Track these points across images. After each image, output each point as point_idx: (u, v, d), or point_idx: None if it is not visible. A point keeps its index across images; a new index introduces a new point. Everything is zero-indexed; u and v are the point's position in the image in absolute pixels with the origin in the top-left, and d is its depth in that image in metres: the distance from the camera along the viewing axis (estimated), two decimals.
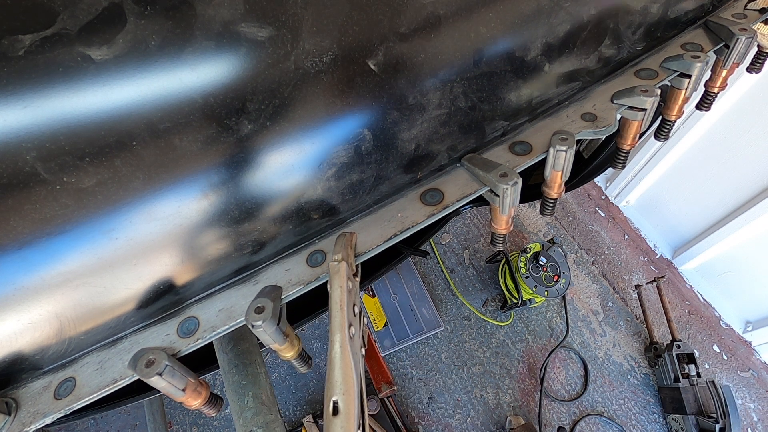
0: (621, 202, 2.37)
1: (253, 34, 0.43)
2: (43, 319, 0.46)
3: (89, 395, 0.48)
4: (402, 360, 1.97)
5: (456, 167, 0.63)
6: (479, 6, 0.54)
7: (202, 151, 0.45)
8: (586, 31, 0.65)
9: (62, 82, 0.38)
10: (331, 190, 0.54)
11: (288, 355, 0.54)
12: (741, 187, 1.78)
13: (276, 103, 0.46)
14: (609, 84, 0.70)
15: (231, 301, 0.54)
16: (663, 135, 0.82)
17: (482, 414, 1.86)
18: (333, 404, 0.38)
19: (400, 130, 0.55)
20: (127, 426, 1.82)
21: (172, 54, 0.41)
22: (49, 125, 0.38)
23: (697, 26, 0.78)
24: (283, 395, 1.88)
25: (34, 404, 0.49)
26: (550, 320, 2.09)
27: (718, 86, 0.80)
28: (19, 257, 0.42)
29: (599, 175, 1.37)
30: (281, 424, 0.66)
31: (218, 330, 0.52)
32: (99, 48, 0.39)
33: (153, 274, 0.49)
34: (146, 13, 0.40)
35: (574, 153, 0.60)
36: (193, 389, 0.50)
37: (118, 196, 0.43)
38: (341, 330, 0.43)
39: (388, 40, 0.50)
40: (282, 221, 0.53)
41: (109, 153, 0.41)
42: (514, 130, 0.66)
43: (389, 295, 2.10)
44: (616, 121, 0.64)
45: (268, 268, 0.57)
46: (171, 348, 0.50)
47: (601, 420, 1.84)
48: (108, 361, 0.51)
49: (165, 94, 0.42)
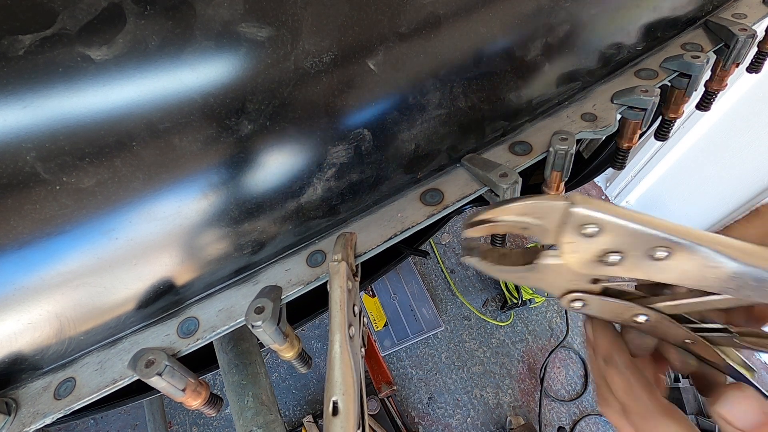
0: (621, 202, 2.37)
1: (252, 34, 0.43)
2: (43, 319, 0.46)
3: (89, 395, 0.48)
4: (402, 360, 1.97)
5: (456, 167, 0.63)
6: (479, 6, 0.54)
7: (201, 151, 0.45)
8: (586, 31, 0.65)
9: (62, 82, 0.38)
10: (331, 190, 0.54)
11: (288, 356, 0.54)
12: (741, 188, 1.77)
13: (276, 103, 0.46)
14: (609, 84, 0.70)
15: (231, 301, 0.54)
16: (663, 135, 0.82)
17: (482, 414, 1.86)
18: (333, 404, 0.37)
19: (400, 130, 0.55)
20: (127, 426, 1.82)
21: (172, 54, 0.41)
22: (48, 125, 0.38)
23: (697, 26, 0.78)
24: (283, 395, 1.88)
25: (34, 404, 0.49)
26: (550, 320, 2.09)
27: (718, 86, 0.80)
28: (19, 257, 0.42)
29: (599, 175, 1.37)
30: (281, 424, 0.66)
31: (218, 330, 0.52)
32: (99, 48, 0.39)
33: (153, 274, 0.49)
34: (146, 13, 0.40)
35: (574, 153, 0.60)
36: (193, 389, 0.50)
37: (118, 196, 0.43)
38: (341, 330, 0.43)
39: (388, 40, 0.50)
40: (282, 221, 0.53)
41: (109, 153, 0.41)
42: (514, 130, 0.66)
43: (389, 295, 2.10)
44: (616, 121, 0.64)
45: (268, 268, 0.57)
46: (171, 348, 0.50)
47: (601, 420, 1.84)
48: (108, 362, 0.51)
49: (165, 94, 0.42)
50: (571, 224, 0.33)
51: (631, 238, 0.32)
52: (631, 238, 0.32)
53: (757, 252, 0.30)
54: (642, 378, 0.37)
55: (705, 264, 0.31)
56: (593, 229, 0.32)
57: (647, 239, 0.31)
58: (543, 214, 0.35)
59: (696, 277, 0.32)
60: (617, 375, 0.37)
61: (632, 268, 0.33)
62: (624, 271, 0.34)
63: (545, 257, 0.36)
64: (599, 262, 0.34)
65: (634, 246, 0.32)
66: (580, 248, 0.34)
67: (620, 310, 0.39)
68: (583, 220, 0.32)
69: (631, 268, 0.33)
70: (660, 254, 0.31)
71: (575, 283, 0.38)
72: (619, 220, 0.31)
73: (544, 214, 0.35)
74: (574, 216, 0.32)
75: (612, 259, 0.33)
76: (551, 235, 0.35)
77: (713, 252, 0.30)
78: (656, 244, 0.31)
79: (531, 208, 0.35)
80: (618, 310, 0.39)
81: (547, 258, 0.36)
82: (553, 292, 0.40)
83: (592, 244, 0.33)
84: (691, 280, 0.32)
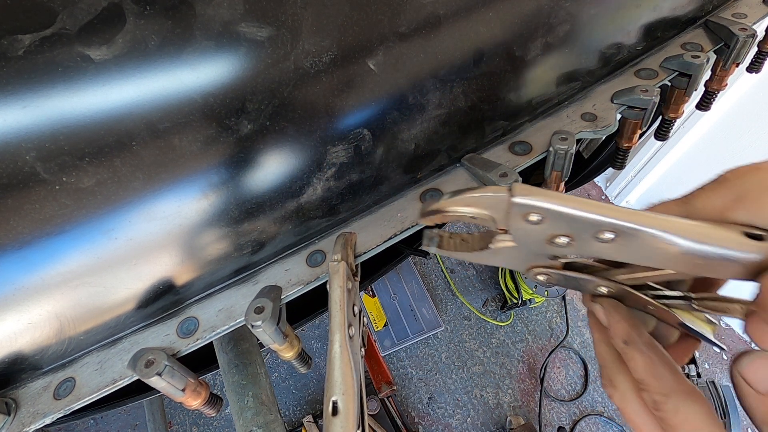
0: (621, 202, 2.37)
1: (252, 34, 0.43)
2: (43, 319, 0.46)
3: (89, 395, 0.48)
4: (402, 360, 1.97)
5: (456, 167, 0.63)
6: (479, 6, 0.54)
7: (201, 151, 0.45)
8: (586, 30, 0.65)
9: (62, 82, 0.38)
10: (331, 190, 0.54)
11: (288, 355, 0.55)
12: None
13: (276, 103, 0.46)
14: (609, 84, 0.70)
15: (231, 301, 0.54)
16: (663, 135, 0.82)
17: (482, 414, 1.86)
18: (332, 404, 0.38)
19: (400, 130, 0.55)
20: (127, 426, 1.82)
21: (172, 54, 0.41)
22: (48, 125, 0.38)
23: (697, 26, 0.78)
24: (283, 395, 1.88)
25: (34, 404, 0.49)
26: (550, 320, 2.09)
27: (718, 86, 0.80)
28: (19, 257, 0.42)
29: (599, 175, 1.37)
30: (281, 424, 0.66)
31: (218, 330, 0.52)
32: (98, 48, 0.38)
33: (153, 274, 0.49)
34: (146, 13, 0.40)
35: (574, 153, 0.60)
36: (193, 389, 0.50)
37: (118, 196, 0.43)
38: (341, 330, 0.43)
39: (387, 39, 0.50)
40: (282, 221, 0.53)
41: (109, 153, 0.41)
42: (514, 130, 0.66)
43: (389, 295, 2.10)
44: (616, 121, 0.64)
45: (268, 268, 0.57)
46: (171, 348, 0.51)
47: (601, 420, 1.84)
48: (108, 361, 0.51)
49: (165, 94, 0.42)
50: (515, 213, 0.34)
51: (575, 224, 0.33)
52: (575, 223, 0.33)
53: (703, 231, 0.31)
54: (665, 357, 0.36)
55: (650, 245, 0.32)
56: (537, 217, 0.34)
57: (590, 224, 0.33)
58: (488, 205, 0.36)
59: (644, 257, 0.33)
60: (639, 354, 0.37)
61: (582, 249, 0.35)
62: (575, 252, 0.36)
63: (499, 242, 0.38)
64: (551, 244, 0.36)
65: (580, 230, 0.33)
66: (529, 233, 0.35)
67: (582, 283, 0.41)
68: (525, 209, 0.34)
69: (581, 249, 0.35)
70: (607, 236, 0.33)
71: (535, 261, 0.40)
72: (559, 207, 0.33)
73: (489, 205, 0.36)
74: (516, 206, 0.34)
75: (561, 241, 0.35)
76: (501, 223, 0.37)
77: (657, 233, 0.31)
78: (601, 228, 0.32)
79: (475, 201, 0.37)
80: (580, 283, 0.41)
81: (500, 242, 0.38)
82: (517, 269, 0.41)
83: (540, 229, 0.35)
84: (640, 259, 0.33)
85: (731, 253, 0.30)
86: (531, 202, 0.33)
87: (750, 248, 0.30)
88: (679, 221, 0.32)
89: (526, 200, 0.33)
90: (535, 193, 0.33)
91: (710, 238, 0.31)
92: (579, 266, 0.41)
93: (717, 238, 0.31)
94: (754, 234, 0.30)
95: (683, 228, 0.31)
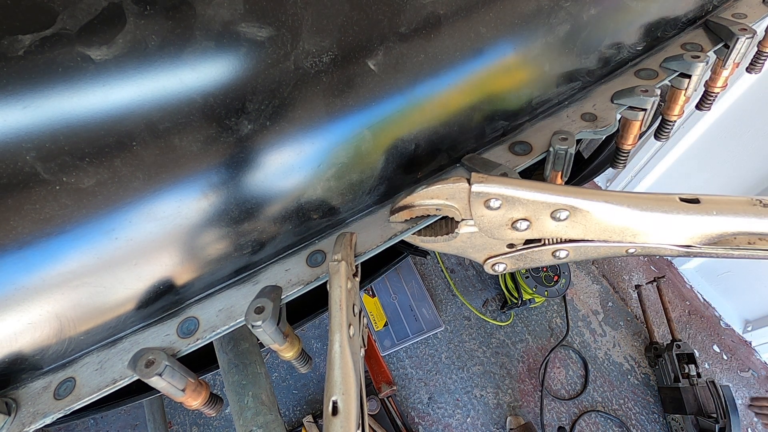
0: None
1: (252, 34, 0.43)
2: (43, 319, 0.46)
3: (89, 395, 0.48)
4: (402, 360, 1.97)
5: (456, 167, 0.63)
6: (479, 6, 0.54)
7: (202, 151, 0.45)
8: (586, 31, 0.65)
9: (62, 83, 0.38)
10: (331, 190, 0.54)
11: (288, 355, 0.55)
12: (740, 187, 1.77)
13: (276, 103, 0.46)
14: (609, 84, 0.70)
15: (231, 301, 0.54)
16: (663, 135, 0.82)
17: (482, 414, 1.86)
18: (332, 404, 0.38)
19: (400, 130, 0.55)
20: (127, 426, 1.82)
21: (172, 54, 0.41)
22: (48, 125, 0.38)
23: (697, 26, 0.78)
24: (283, 395, 1.88)
25: (34, 404, 0.49)
26: (550, 320, 2.09)
27: (718, 86, 0.80)
28: (19, 257, 0.42)
29: (599, 175, 1.37)
30: (281, 424, 0.66)
31: (218, 330, 0.52)
32: (99, 48, 0.38)
33: (153, 274, 0.49)
34: (146, 13, 0.40)
35: (574, 153, 0.60)
36: (193, 389, 0.50)
37: (118, 196, 0.43)
38: (341, 330, 0.43)
39: (388, 40, 0.50)
40: (282, 221, 0.53)
41: (109, 153, 0.41)
42: (514, 130, 0.66)
43: (389, 295, 2.10)
44: (616, 121, 0.64)
45: (268, 268, 0.57)
46: (171, 348, 0.51)
47: (600, 417, 1.84)
48: (108, 361, 0.51)
49: (165, 95, 0.42)
50: (476, 200, 0.38)
51: (532, 206, 0.37)
52: (532, 205, 0.37)
53: (645, 198, 0.35)
54: None
55: (600, 218, 0.36)
56: (497, 202, 0.37)
57: (545, 205, 0.37)
58: (450, 195, 0.40)
59: (597, 231, 0.37)
60: None
61: (541, 230, 0.39)
62: (535, 234, 0.40)
63: (462, 226, 0.42)
64: (511, 229, 0.39)
65: (537, 211, 0.37)
66: (491, 219, 0.39)
67: (542, 254, 0.44)
68: (485, 196, 0.38)
69: (540, 230, 0.39)
70: (563, 215, 0.37)
71: (494, 250, 0.43)
72: (515, 191, 0.37)
73: (451, 195, 0.40)
74: (475, 193, 0.38)
75: (521, 225, 0.39)
76: (464, 211, 0.40)
77: (605, 204, 0.35)
78: (556, 207, 0.36)
79: (438, 192, 0.41)
80: (541, 255, 0.44)
81: (464, 227, 0.42)
82: (477, 259, 0.46)
83: (501, 214, 0.38)
84: (594, 233, 0.37)
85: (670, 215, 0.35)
86: (489, 189, 0.37)
87: (687, 210, 0.35)
88: (623, 193, 0.36)
89: (484, 188, 0.37)
90: (492, 181, 0.37)
91: (650, 205, 0.35)
92: (535, 240, 0.45)
93: (657, 205, 0.36)
94: (690, 198, 0.35)
95: (628, 198, 0.35)
